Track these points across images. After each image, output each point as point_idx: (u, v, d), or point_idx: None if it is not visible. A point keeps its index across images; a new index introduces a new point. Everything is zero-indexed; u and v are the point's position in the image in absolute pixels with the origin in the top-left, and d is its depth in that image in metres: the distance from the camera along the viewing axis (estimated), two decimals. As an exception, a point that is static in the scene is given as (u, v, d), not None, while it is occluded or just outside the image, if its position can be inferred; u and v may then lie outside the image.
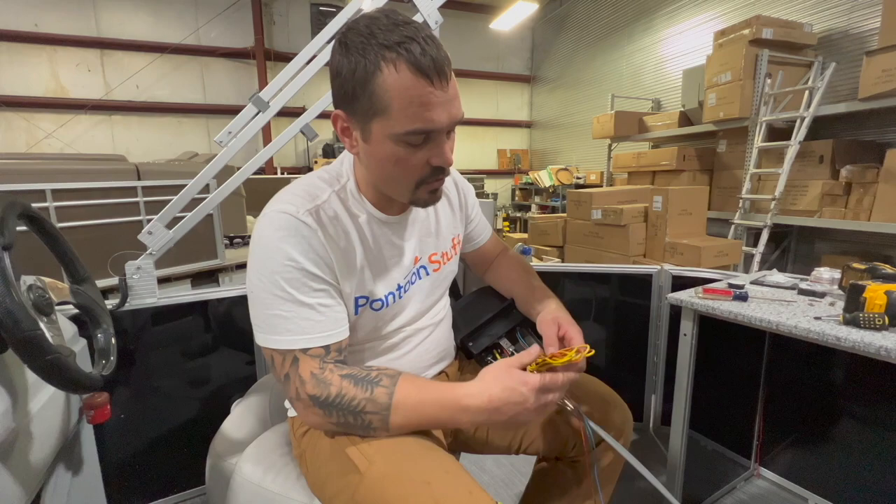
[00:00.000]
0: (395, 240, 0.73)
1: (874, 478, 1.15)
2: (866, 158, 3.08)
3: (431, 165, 0.62)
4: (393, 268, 0.73)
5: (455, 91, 0.60)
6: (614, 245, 3.17)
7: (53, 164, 2.27)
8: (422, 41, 0.56)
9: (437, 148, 0.61)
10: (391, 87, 0.56)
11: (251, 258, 0.64)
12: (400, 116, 0.57)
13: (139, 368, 1.16)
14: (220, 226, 2.43)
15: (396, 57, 0.55)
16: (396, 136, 0.58)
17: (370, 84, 0.56)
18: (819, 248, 3.72)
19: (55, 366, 0.59)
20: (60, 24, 5.67)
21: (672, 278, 1.43)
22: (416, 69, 0.55)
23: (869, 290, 0.82)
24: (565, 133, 7.60)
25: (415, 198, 0.66)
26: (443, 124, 0.59)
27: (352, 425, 0.61)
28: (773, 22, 3.43)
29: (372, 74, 0.56)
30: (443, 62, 0.57)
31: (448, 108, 0.58)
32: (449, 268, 0.83)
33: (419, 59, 0.55)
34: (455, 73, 0.60)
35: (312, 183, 0.69)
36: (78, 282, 0.87)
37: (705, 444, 1.43)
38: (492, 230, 0.97)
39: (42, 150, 5.61)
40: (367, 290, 0.70)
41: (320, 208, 0.65)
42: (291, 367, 0.62)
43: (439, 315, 0.83)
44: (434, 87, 0.56)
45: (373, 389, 0.60)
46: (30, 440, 0.66)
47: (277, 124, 5.89)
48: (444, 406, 0.60)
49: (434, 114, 0.57)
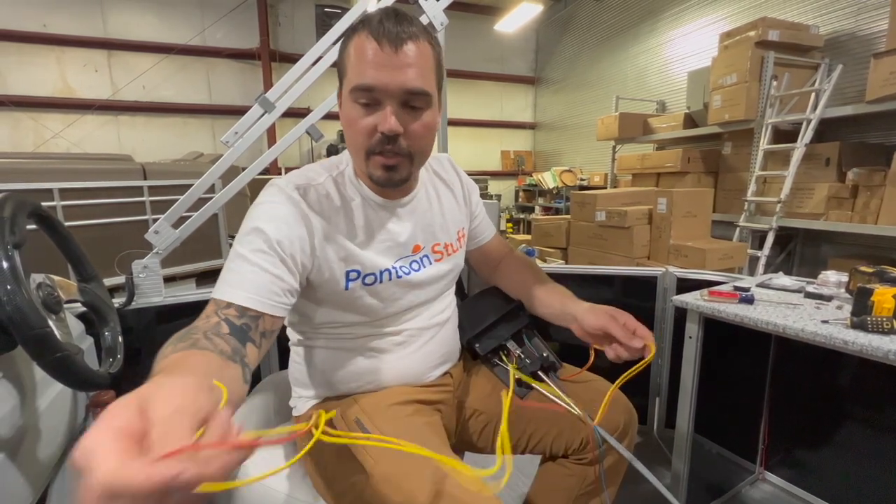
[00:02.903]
0: (390, 223, 0.74)
1: (881, 484, 1.14)
2: (873, 161, 3.06)
3: (379, 132, 0.64)
4: (387, 248, 0.74)
5: (411, 61, 0.63)
6: (618, 247, 3.16)
7: (61, 163, 2.30)
8: (391, 18, 0.63)
9: (384, 116, 0.63)
10: (352, 48, 0.64)
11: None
12: (352, 73, 0.64)
13: (145, 367, 1.16)
14: (225, 225, 2.45)
15: (363, 27, 0.63)
16: (349, 94, 0.64)
17: (344, 52, 0.66)
18: (825, 251, 3.69)
19: (64, 363, 0.60)
20: (68, 25, 5.72)
21: (677, 281, 1.42)
22: (370, 34, 0.62)
23: (877, 293, 0.81)
24: (569, 134, 7.59)
25: (370, 171, 0.68)
26: (386, 85, 0.62)
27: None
28: (779, 24, 3.42)
29: (346, 45, 0.65)
30: (399, 33, 0.62)
31: (395, 72, 0.62)
32: (454, 260, 0.83)
33: (377, 27, 0.62)
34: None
35: (313, 168, 0.73)
36: (86, 280, 0.88)
37: (710, 448, 1.42)
38: (495, 230, 0.97)
39: (49, 150, 5.66)
40: (358, 262, 0.70)
41: (312, 187, 0.69)
42: (205, 310, 0.58)
43: (445, 314, 0.83)
44: (383, 48, 0.61)
45: (175, 344, 0.53)
46: (38, 437, 0.66)
47: (282, 125, 5.92)
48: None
49: (378, 73, 0.62)
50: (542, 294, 0.86)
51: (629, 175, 4.79)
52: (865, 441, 1.17)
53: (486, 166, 8.21)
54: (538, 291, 0.87)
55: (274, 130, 5.80)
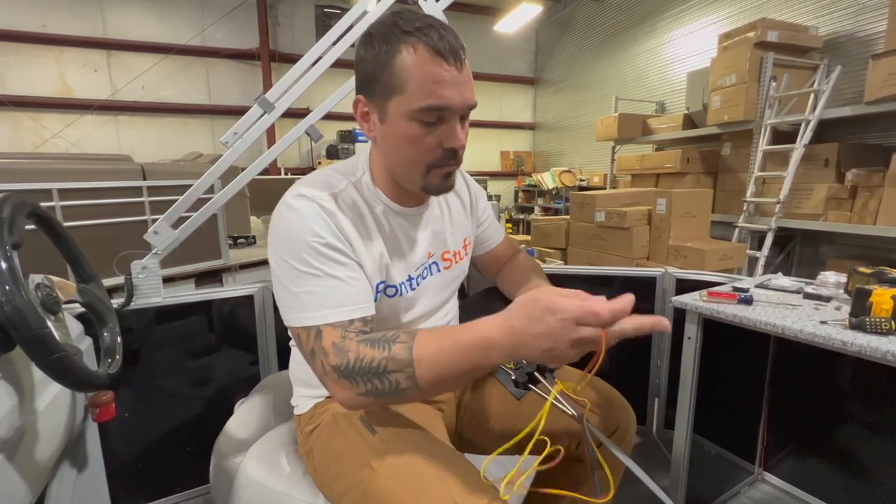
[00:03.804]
0: (410, 231, 0.74)
1: (880, 484, 1.14)
2: (872, 162, 3.06)
3: (444, 148, 0.63)
4: (408, 257, 0.74)
5: (469, 77, 0.62)
6: (618, 247, 3.16)
7: (60, 163, 2.29)
8: (439, 28, 0.60)
9: (450, 130, 0.62)
10: (409, 65, 0.59)
11: (273, 243, 0.64)
12: (415, 93, 0.60)
13: (144, 367, 1.17)
14: (225, 226, 2.44)
15: (416, 40, 0.59)
16: (411, 112, 0.61)
17: (390, 64, 0.60)
18: (824, 251, 3.70)
19: (62, 364, 0.60)
20: (67, 24, 5.72)
21: (676, 281, 1.42)
22: (432, 50, 0.59)
23: (875, 294, 0.81)
24: (569, 135, 7.59)
25: (426, 183, 0.67)
26: (455, 103, 0.61)
27: (382, 391, 0.56)
28: (778, 25, 3.42)
29: (392, 56, 0.60)
30: (458, 48, 0.61)
31: (461, 89, 0.61)
32: (460, 268, 0.83)
33: (436, 42, 0.59)
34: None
35: (328, 174, 0.71)
36: (85, 281, 0.87)
37: (709, 449, 1.42)
38: (504, 233, 0.97)
39: (48, 150, 5.65)
40: (384, 274, 0.70)
41: (338, 195, 0.67)
42: (315, 341, 0.60)
43: (448, 316, 0.83)
44: (449, 66, 0.60)
45: (390, 347, 0.57)
46: (36, 437, 0.66)
47: (281, 125, 5.92)
48: (468, 347, 0.54)
49: (448, 91, 0.60)
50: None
51: (628, 176, 4.79)
52: (864, 441, 1.17)
53: (485, 167, 8.21)
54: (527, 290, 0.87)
55: (273, 131, 5.80)
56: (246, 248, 3.05)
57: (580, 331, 0.48)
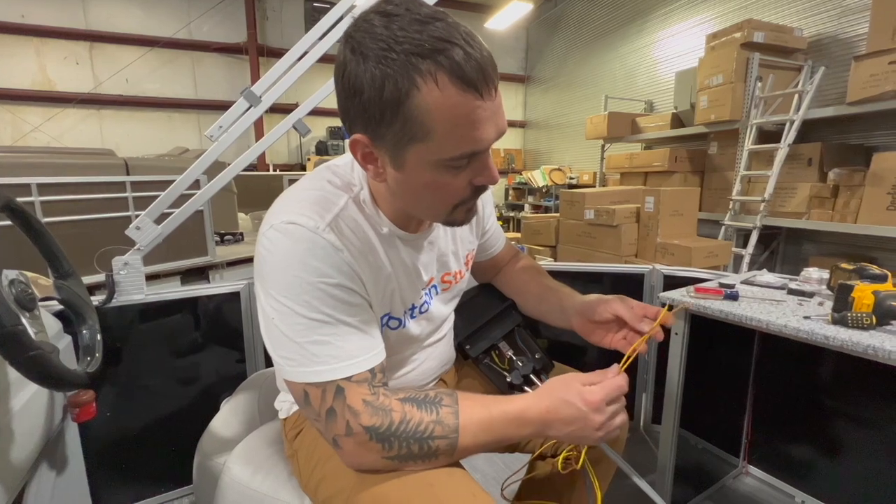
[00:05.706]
0: (414, 258, 0.66)
1: (861, 475, 1.16)
2: (853, 161, 3.13)
3: (474, 185, 0.55)
4: (411, 286, 0.67)
5: (501, 98, 0.50)
6: (606, 245, 3.19)
7: (39, 157, 2.23)
8: (462, 42, 0.45)
9: (482, 167, 0.53)
10: (433, 107, 0.46)
11: (265, 277, 0.54)
12: (445, 141, 0.48)
13: (126, 366, 1.14)
14: (211, 222, 2.41)
15: (436, 69, 0.44)
16: (440, 161, 0.50)
17: (404, 105, 0.46)
18: (807, 249, 3.78)
19: (37, 362, 0.58)
20: (47, 15, 5.57)
21: (664, 278, 1.44)
22: (461, 82, 0.45)
23: (857, 289, 0.82)
24: (559, 133, 7.63)
25: (450, 219, 0.59)
26: (492, 139, 0.50)
27: (413, 455, 0.53)
28: (764, 26, 3.47)
29: (406, 94, 0.45)
30: (488, 65, 0.47)
31: (496, 120, 0.50)
32: (460, 286, 0.79)
33: (464, 67, 0.45)
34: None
35: (323, 188, 0.59)
36: (62, 277, 0.85)
37: (695, 443, 1.44)
38: (505, 238, 0.93)
39: (28, 144, 5.51)
40: (390, 306, 0.64)
41: (339, 218, 0.56)
42: (336, 400, 0.52)
43: (444, 329, 0.79)
44: (483, 98, 0.47)
45: (438, 410, 0.54)
46: (11, 438, 0.64)
47: (270, 121, 5.85)
48: (510, 421, 0.55)
49: (483, 131, 0.49)
50: (542, 293, 0.84)
51: (618, 174, 4.83)
52: (846, 434, 1.19)
53: (476, 164, 8.21)
54: (538, 291, 0.85)
55: (262, 126, 5.73)
56: (233, 244, 3.01)
57: (608, 411, 0.56)
